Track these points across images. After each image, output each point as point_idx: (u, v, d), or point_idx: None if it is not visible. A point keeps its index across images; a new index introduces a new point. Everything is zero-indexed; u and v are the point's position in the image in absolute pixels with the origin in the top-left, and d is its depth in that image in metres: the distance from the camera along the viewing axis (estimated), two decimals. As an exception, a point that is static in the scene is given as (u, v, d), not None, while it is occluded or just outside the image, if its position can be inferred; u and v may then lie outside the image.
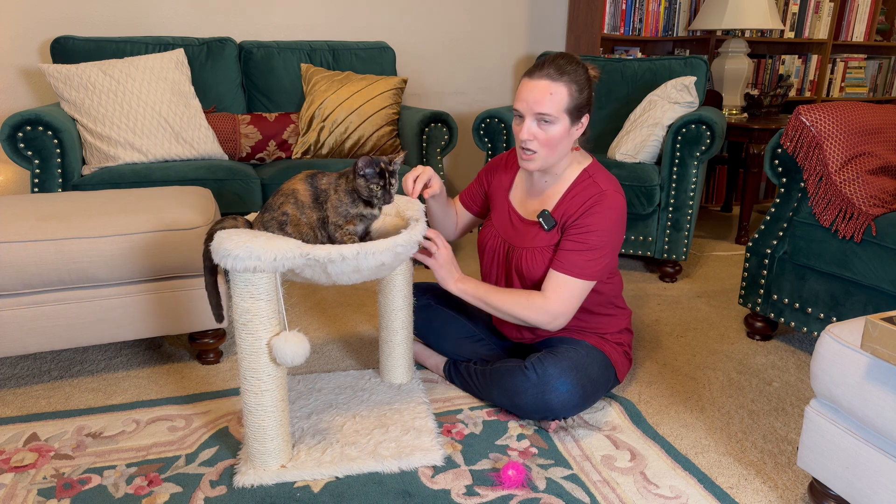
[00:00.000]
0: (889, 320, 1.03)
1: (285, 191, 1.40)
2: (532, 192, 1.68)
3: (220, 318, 1.51)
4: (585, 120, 1.55)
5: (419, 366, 1.90)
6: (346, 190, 1.40)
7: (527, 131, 1.51)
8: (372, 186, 1.38)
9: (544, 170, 1.60)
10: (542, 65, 1.50)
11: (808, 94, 4.02)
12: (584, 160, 1.63)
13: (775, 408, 1.73)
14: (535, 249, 1.61)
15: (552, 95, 1.48)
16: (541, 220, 1.60)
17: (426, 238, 1.58)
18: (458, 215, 1.86)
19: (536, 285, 1.62)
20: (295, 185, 1.40)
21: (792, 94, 3.95)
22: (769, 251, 2.03)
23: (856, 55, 4.06)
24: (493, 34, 3.62)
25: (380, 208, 1.44)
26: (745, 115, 3.48)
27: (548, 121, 1.49)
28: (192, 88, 2.69)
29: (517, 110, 1.53)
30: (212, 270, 1.45)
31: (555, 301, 1.54)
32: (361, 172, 1.38)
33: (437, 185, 1.62)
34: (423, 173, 1.60)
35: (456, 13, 3.51)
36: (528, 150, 1.53)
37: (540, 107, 1.48)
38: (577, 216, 1.55)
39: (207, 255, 1.38)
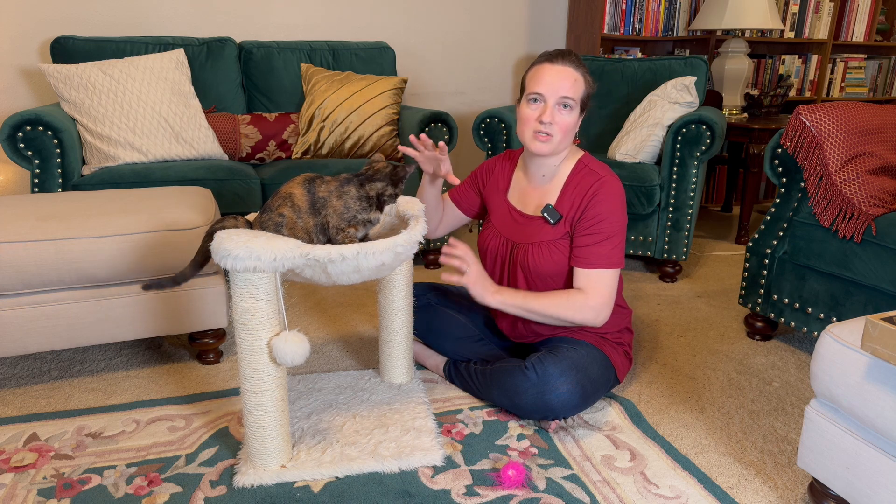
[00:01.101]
0: (889, 320, 1.03)
1: (283, 193, 1.40)
2: (531, 189, 1.69)
3: (176, 281, 1.46)
4: (584, 113, 1.61)
5: (419, 366, 1.90)
6: (356, 196, 1.40)
7: (549, 114, 1.53)
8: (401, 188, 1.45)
9: (551, 156, 1.61)
10: (561, 54, 1.56)
11: (808, 94, 4.02)
12: (578, 152, 1.67)
13: (775, 408, 1.73)
14: (540, 244, 1.62)
15: (576, 82, 1.54)
16: (545, 214, 1.61)
17: (454, 256, 1.58)
18: (445, 211, 1.86)
19: (542, 279, 1.62)
20: (292, 189, 1.40)
21: (792, 94, 3.95)
22: (769, 251, 2.03)
23: (856, 55, 4.06)
24: (492, 34, 3.62)
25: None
26: (745, 115, 3.48)
27: (568, 105, 1.54)
28: (192, 88, 2.69)
29: (537, 93, 1.54)
30: (199, 266, 1.46)
31: (595, 296, 1.55)
32: (407, 177, 1.44)
33: (446, 162, 1.64)
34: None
35: (456, 13, 3.51)
36: (546, 132, 1.55)
37: (566, 91, 1.53)
38: (582, 207, 1.57)
39: (202, 252, 1.40)
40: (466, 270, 1.58)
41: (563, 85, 1.52)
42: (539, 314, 1.59)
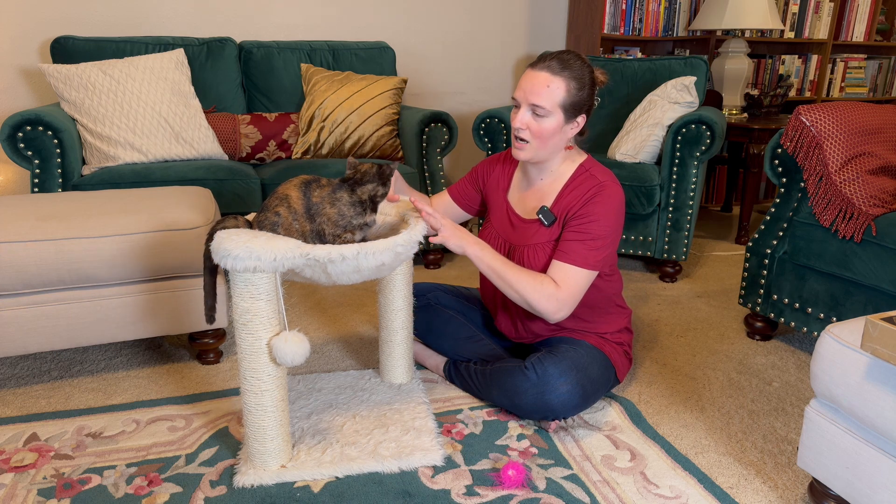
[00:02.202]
0: (889, 320, 1.03)
1: (279, 194, 1.40)
2: (529, 190, 1.68)
3: (210, 319, 1.49)
4: (581, 120, 1.56)
5: (419, 366, 1.90)
6: (349, 202, 1.40)
7: (520, 120, 1.52)
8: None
9: (535, 162, 1.60)
10: (546, 57, 1.52)
11: (808, 94, 4.02)
12: (580, 156, 1.64)
13: (775, 408, 1.73)
14: (536, 246, 1.61)
15: (549, 88, 1.49)
16: (540, 216, 1.60)
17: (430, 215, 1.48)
18: (444, 210, 1.83)
19: None
20: (289, 191, 1.40)
21: (792, 94, 3.95)
22: (769, 251, 2.03)
23: (856, 55, 4.06)
24: (493, 34, 3.62)
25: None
26: (745, 115, 3.48)
27: (540, 114, 1.50)
28: (192, 88, 2.69)
29: (514, 98, 1.55)
30: (212, 271, 1.45)
31: (564, 290, 1.53)
32: (392, 174, 1.43)
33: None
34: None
35: (456, 13, 3.51)
36: (521, 139, 1.55)
37: (535, 98, 1.49)
38: (577, 208, 1.56)
39: (208, 255, 1.38)
40: (439, 228, 1.51)
41: (533, 91, 1.49)
42: (506, 283, 1.53)
